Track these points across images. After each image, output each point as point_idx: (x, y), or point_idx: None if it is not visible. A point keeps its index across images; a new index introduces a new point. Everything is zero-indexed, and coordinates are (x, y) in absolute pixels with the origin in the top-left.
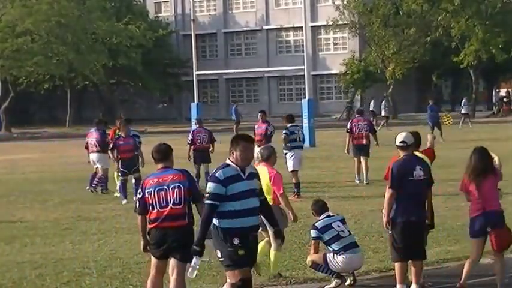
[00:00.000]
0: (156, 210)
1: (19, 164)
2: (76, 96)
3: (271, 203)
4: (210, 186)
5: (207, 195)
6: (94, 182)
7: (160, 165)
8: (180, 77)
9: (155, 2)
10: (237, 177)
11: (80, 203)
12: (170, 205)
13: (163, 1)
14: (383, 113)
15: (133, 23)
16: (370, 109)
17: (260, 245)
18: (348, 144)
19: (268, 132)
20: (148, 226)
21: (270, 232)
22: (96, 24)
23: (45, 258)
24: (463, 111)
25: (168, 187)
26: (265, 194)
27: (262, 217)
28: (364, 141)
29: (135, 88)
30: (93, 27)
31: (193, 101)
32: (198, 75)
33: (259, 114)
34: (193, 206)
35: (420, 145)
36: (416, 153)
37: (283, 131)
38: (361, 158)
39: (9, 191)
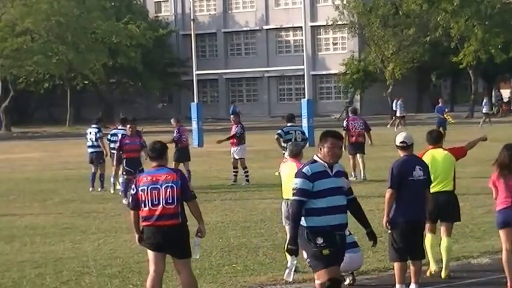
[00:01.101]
0: (147, 208)
1: (19, 163)
2: (76, 95)
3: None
4: (297, 182)
5: (293, 191)
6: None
7: (154, 164)
8: (179, 77)
9: (155, 2)
10: (324, 174)
11: (79, 202)
12: (163, 204)
13: (163, 1)
14: (398, 113)
15: (133, 22)
16: (393, 108)
17: None
18: (346, 141)
19: (237, 134)
20: (141, 224)
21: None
22: (96, 23)
23: (45, 257)
24: (484, 111)
25: (161, 186)
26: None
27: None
28: (360, 139)
29: (134, 88)
30: (93, 26)
31: (193, 101)
32: (197, 74)
33: (231, 116)
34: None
35: (442, 142)
36: (439, 149)
37: (277, 132)
38: (358, 156)
39: (9, 190)
